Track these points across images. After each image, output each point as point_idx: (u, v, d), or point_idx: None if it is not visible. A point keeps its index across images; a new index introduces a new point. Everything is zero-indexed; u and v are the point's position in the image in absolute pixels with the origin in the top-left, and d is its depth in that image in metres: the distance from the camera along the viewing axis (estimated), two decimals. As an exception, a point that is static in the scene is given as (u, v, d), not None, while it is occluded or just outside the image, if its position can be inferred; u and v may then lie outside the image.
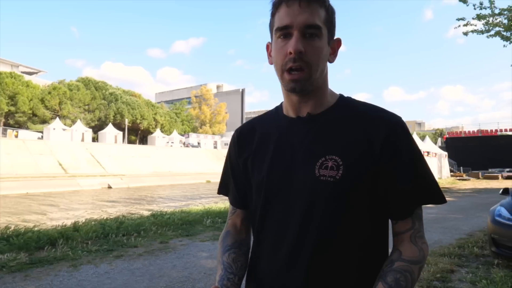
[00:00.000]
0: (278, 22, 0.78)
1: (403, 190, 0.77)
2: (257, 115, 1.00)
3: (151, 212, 8.41)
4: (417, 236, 0.78)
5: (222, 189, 1.02)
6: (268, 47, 0.88)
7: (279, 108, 0.92)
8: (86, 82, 42.67)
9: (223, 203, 10.74)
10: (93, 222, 6.11)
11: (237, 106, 77.02)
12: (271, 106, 1.00)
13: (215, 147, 51.28)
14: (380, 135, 0.77)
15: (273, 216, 0.83)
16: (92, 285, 3.62)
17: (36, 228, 5.53)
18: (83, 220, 6.37)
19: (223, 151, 46.89)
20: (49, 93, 37.05)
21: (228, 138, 56.28)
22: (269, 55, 0.87)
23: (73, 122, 37.04)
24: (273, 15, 0.81)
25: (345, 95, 0.90)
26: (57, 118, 34.80)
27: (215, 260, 4.61)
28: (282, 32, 0.77)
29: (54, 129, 32.27)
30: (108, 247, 5.01)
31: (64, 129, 33.13)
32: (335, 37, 0.84)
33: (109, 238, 5.46)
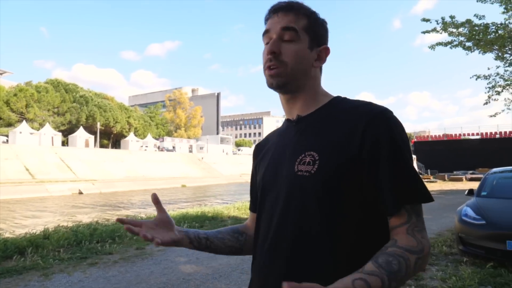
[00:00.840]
0: (264, 29, 0.88)
1: (388, 183, 0.72)
2: (238, 123, 1.09)
3: (126, 217, 8.16)
4: (415, 229, 0.71)
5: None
6: None
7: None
8: (56, 84, 40.86)
9: (199, 207, 10.61)
10: (64, 229, 5.84)
11: (212, 110, 76.56)
12: (246, 110, 1.09)
13: (191, 151, 50.63)
14: (359, 126, 0.75)
15: (264, 214, 0.88)
16: (65, 294, 3.45)
17: (2, 237, 5.20)
18: (54, 227, 6.07)
19: (199, 155, 46.39)
20: (15, 95, 35.13)
21: (203, 142, 55.82)
22: None
23: (41, 125, 35.29)
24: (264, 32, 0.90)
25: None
26: (24, 121, 33.03)
27: (194, 265, 4.57)
28: (265, 37, 0.87)
29: (20, 132, 30.60)
30: (81, 254, 4.80)
31: (31, 133, 31.50)
32: (323, 46, 0.89)
33: (82, 245, 5.23)
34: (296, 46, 0.83)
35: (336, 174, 0.74)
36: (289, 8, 0.85)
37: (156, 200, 0.88)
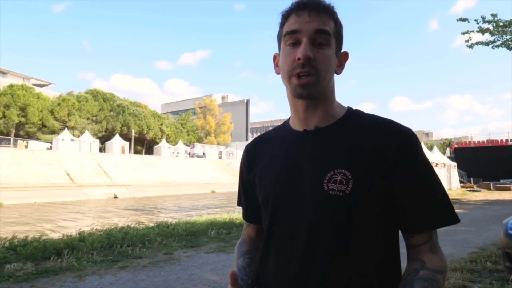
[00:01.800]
0: (287, 28, 0.79)
1: (421, 204, 0.75)
2: (268, 129, 1.02)
3: (156, 222, 8.40)
4: (436, 247, 0.77)
5: (240, 203, 1.05)
6: (275, 58, 0.89)
7: (286, 123, 0.92)
8: (94, 94, 43.37)
9: (227, 214, 10.68)
10: (98, 233, 6.11)
11: (242, 116, 77.31)
12: (276, 117, 1.03)
13: (220, 157, 51.31)
14: (393, 147, 0.75)
15: (280, 231, 0.82)
16: (96, 296, 3.60)
17: (42, 238, 5.54)
18: (89, 230, 6.37)
19: (228, 161, 46.92)
20: (59, 104, 37.71)
21: (232, 149, 56.34)
22: (276, 65, 0.87)
23: (81, 132, 37.51)
24: (282, 25, 0.82)
25: (353, 107, 0.89)
26: (66, 129, 35.30)
27: (220, 272, 4.58)
28: (290, 37, 0.78)
29: (62, 139, 32.72)
30: (113, 257, 4.99)
31: (72, 140, 33.55)
32: (342, 51, 0.85)
33: (114, 248, 5.45)
34: (328, 51, 0.78)
35: (371, 194, 0.74)
36: (322, 8, 0.77)
37: (233, 280, 0.81)
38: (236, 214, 10.46)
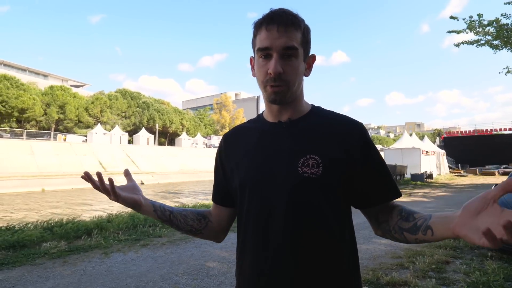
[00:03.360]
0: (259, 43, 0.78)
1: (382, 182, 0.82)
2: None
3: (175, 205, 8.48)
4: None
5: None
6: (251, 61, 0.87)
7: (260, 115, 0.92)
8: (123, 93, 43.78)
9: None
10: (124, 214, 6.20)
11: (252, 111, 77.01)
12: None
13: (234, 148, 51.44)
14: (354, 135, 0.81)
15: (258, 212, 0.80)
16: (119, 270, 3.65)
17: (76, 220, 5.65)
18: (116, 213, 6.47)
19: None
20: (92, 102, 38.26)
21: (245, 140, 56.36)
22: (252, 68, 0.86)
23: (112, 127, 38.07)
24: (254, 35, 0.81)
25: (353, 102, 0.92)
26: (99, 124, 35.88)
27: (229, 249, 4.59)
28: (262, 52, 0.78)
29: (96, 133, 33.28)
30: (136, 236, 5.06)
31: (104, 133, 34.10)
32: (310, 54, 0.85)
33: (137, 228, 5.52)
34: (295, 63, 0.78)
35: (338, 176, 0.77)
36: (290, 23, 0.76)
37: (126, 173, 0.94)
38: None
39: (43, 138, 30.96)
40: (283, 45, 0.75)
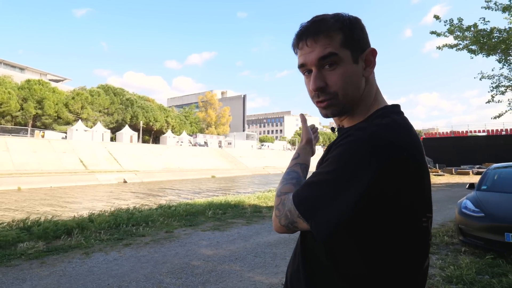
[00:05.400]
0: (298, 61, 0.75)
1: None
2: (262, 122, 1.02)
3: (159, 204, 8.36)
4: None
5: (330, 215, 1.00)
6: None
7: None
8: (106, 89, 42.55)
9: (223, 196, 10.69)
10: (106, 214, 6.05)
11: (239, 109, 76.75)
12: (271, 110, 1.02)
13: (220, 146, 51.17)
14: (332, 143, 0.72)
15: None
16: (101, 271, 3.57)
17: (54, 219, 5.47)
18: (98, 212, 6.31)
19: (227, 150, 46.80)
20: (73, 98, 36.96)
21: (231, 138, 56.14)
22: None
23: (94, 124, 36.96)
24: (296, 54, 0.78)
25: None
26: (79, 120, 34.74)
27: (214, 248, 4.58)
28: (303, 69, 0.74)
29: (76, 130, 32.22)
30: (118, 236, 4.95)
31: (85, 130, 33.07)
32: (367, 49, 0.73)
33: (120, 228, 5.39)
34: (340, 70, 0.69)
35: None
36: (316, 32, 0.69)
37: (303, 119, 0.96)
38: (231, 196, 10.48)
39: (19, 134, 29.64)
40: (317, 57, 0.69)
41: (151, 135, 46.69)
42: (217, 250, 4.48)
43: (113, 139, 38.14)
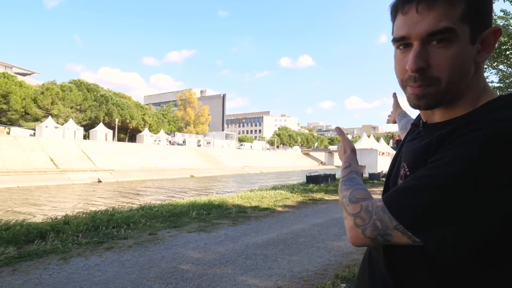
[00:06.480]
0: (394, 32, 0.59)
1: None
2: (241, 121, 0.88)
3: (140, 205, 7.98)
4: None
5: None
6: None
7: None
8: (78, 84, 40.50)
9: (206, 196, 10.44)
10: (83, 215, 5.65)
11: (218, 109, 76.14)
12: (250, 110, 0.88)
13: (199, 145, 50.44)
14: (439, 139, 0.55)
15: None
16: (82, 277, 3.27)
17: (26, 222, 5.02)
18: (74, 213, 5.88)
19: (206, 149, 46.18)
20: (42, 93, 34.80)
21: (210, 138, 55.48)
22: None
23: (65, 120, 35.07)
24: (392, 20, 0.61)
25: (319, 103, 0.74)
26: (49, 116, 32.79)
27: (202, 250, 4.39)
28: (399, 43, 0.58)
29: (46, 127, 30.39)
30: (98, 239, 4.62)
31: (56, 127, 31.29)
32: (489, 27, 0.56)
33: (99, 230, 5.05)
34: (451, 50, 0.53)
35: None
36: None
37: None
38: (214, 196, 10.25)
39: (-19, 131, 27.49)
40: (427, 30, 0.53)
41: (127, 133, 45.09)
42: (205, 252, 4.29)
43: (86, 137, 36.40)
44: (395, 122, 1.26)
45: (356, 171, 0.75)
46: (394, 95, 1.29)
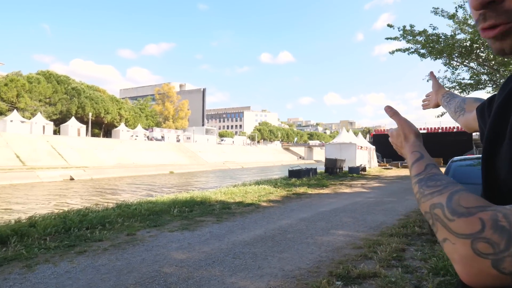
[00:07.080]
0: None
1: None
2: (222, 116, 0.59)
3: (116, 203, 7.47)
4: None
5: None
6: None
7: None
8: (47, 76, 37.98)
9: (188, 193, 10.04)
10: (52, 216, 5.14)
11: (198, 103, 74.76)
12: (230, 105, 0.60)
13: (178, 141, 49.24)
14: None
15: None
16: (50, 287, 2.88)
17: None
18: (42, 214, 5.34)
19: (186, 145, 45.15)
20: (6, 85, 32.30)
21: (190, 133, 54.30)
22: None
23: (33, 114, 32.83)
24: None
25: (296, 100, 0.50)
26: (15, 110, 30.53)
27: (186, 251, 4.06)
28: None
29: (11, 121, 28.29)
30: (69, 242, 4.17)
31: (22, 122, 29.21)
32: None
33: (70, 232, 4.58)
34: None
35: None
36: None
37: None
38: (197, 192, 9.87)
39: None
40: None
41: (102, 128, 43.09)
42: (190, 253, 3.99)
43: (56, 132, 34.37)
44: (437, 106, 1.01)
45: (435, 164, 0.51)
46: (432, 74, 1.05)
